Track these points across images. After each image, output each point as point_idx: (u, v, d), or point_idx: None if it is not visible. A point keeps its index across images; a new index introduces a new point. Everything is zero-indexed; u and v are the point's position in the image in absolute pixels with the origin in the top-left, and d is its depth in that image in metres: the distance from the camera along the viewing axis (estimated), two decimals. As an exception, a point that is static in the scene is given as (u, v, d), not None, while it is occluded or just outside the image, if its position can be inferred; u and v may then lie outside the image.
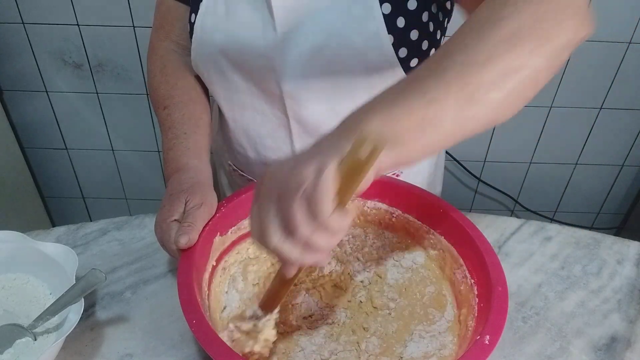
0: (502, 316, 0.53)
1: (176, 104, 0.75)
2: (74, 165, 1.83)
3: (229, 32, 0.69)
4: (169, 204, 0.64)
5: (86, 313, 0.66)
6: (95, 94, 1.65)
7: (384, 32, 0.64)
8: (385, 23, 0.64)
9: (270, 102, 0.74)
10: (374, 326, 0.63)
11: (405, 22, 0.65)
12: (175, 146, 0.71)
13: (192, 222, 0.60)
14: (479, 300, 0.58)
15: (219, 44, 0.70)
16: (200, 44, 0.72)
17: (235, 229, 0.69)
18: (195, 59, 0.74)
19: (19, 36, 1.52)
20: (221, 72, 0.73)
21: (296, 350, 0.60)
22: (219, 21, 0.69)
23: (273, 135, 0.78)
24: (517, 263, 0.76)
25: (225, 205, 0.66)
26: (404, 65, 0.68)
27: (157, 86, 0.78)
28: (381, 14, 0.64)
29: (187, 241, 0.59)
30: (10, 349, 0.59)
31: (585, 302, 0.70)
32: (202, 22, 0.70)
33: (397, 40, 0.65)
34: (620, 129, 1.72)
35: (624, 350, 0.64)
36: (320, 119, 0.73)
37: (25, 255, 0.65)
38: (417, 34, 0.66)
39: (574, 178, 1.85)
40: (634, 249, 0.79)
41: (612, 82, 1.60)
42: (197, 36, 0.72)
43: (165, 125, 0.74)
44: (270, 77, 0.70)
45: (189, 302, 0.54)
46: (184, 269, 0.57)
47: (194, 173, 0.67)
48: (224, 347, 0.49)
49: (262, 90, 0.73)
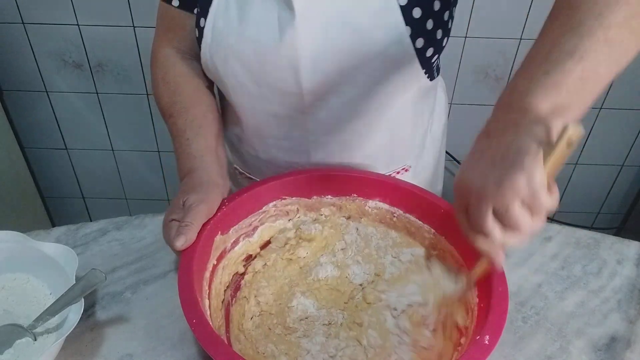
0: (502, 316, 0.53)
1: (179, 110, 0.75)
2: (74, 165, 1.83)
3: (243, 34, 0.68)
4: (171, 204, 0.64)
5: (86, 313, 0.66)
6: (95, 94, 1.65)
7: (402, 24, 0.65)
8: (403, 14, 0.65)
9: (286, 104, 0.73)
10: (367, 319, 0.63)
11: (422, 12, 0.66)
12: (181, 154, 0.72)
13: (189, 222, 0.60)
14: (479, 300, 0.58)
15: (232, 47, 0.70)
16: (211, 49, 0.71)
17: (237, 228, 0.69)
18: (206, 64, 0.74)
19: (19, 36, 1.52)
20: (233, 76, 0.72)
21: (303, 354, 0.60)
22: (232, 24, 0.69)
23: (288, 137, 0.78)
24: (517, 263, 0.76)
25: (227, 204, 0.66)
26: (420, 56, 0.68)
27: (160, 95, 0.78)
28: (398, 6, 0.64)
29: (184, 242, 0.59)
30: (10, 349, 0.59)
31: (585, 302, 0.70)
32: (214, 26, 0.70)
33: (414, 31, 0.66)
34: (620, 129, 1.72)
35: (624, 350, 0.64)
36: (338, 115, 0.74)
37: (25, 255, 0.65)
38: (432, 23, 0.67)
39: (574, 178, 1.85)
40: (634, 249, 0.79)
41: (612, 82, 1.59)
42: (208, 40, 0.71)
43: (173, 134, 0.75)
44: (289, 77, 0.69)
45: (189, 302, 0.54)
46: (184, 268, 0.57)
47: (197, 175, 0.68)
48: (223, 346, 0.49)
49: (277, 93, 0.72)
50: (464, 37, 1.51)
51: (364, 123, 0.75)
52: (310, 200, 0.74)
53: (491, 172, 0.45)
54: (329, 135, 0.76)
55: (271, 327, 0.64)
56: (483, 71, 1.59)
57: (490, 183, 0.44)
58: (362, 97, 0.72)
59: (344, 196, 0.74)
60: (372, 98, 0.72)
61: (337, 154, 0.79)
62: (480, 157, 0.47)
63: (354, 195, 0.74)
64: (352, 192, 0.74)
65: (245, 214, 0.70)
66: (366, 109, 0.73)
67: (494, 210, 0.45)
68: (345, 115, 0.74)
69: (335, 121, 0.74)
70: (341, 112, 0.73)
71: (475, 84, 1.61)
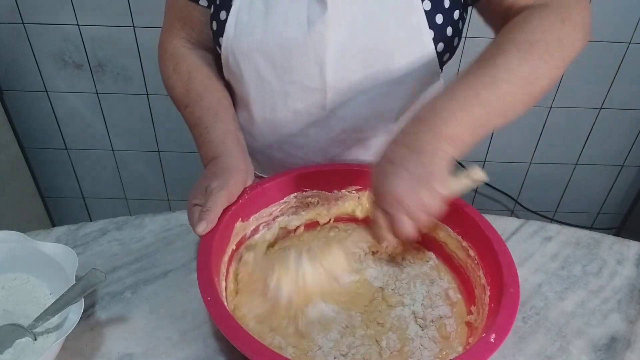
0: (511, 317, 0.53)
1: (194, 99, 0.76)
2: (74, 165, 1.83)
3: (270, 28, 0.69)
4: (193, 189, 0.66)
5: (86, 313, 0.66)
6: (95, 94, 1.65)
7: (426, 27, 0.68)
8: (427, 19, 0.68)
9: (308, 100, 0.74)
10: (389, 322, 0.63)
11: (444, 19, 0.69)
12: (202, 142, 0.73)
13: (210, 207, 0.62)
14: (490, 300, 0.59)
15: (257, 42, 0.70)
16: (233, 43, 0.72)
17: (257, 216, 0.71)
18: (226, 58, 0.74)
19: (19, 36, 1.52)
20: (256, 70, 0.73)
21: (314, 349, 0.59)
22: (258, 18, 0.69)
23: (305, 133, 0.78)
24: (517, 263, 0.75)
25: (249, 192, 0.68)
26: (440, 59, 0.72)
27: (173, 86, 0.79)
28: (422, 10, 0.67)
29: (205, 228, 0.61)
30: (10, 349, 0.59)
31: (585, 302, 0.70)
32: (237, 20, 0.70)
33: (436, 35, 0.69)
34: (620, 129, 1.72)
35: (624, 350, 0.64)
36: (358, 113, 0.75)
37: (25, 255, 0.65)
38: (451, 30, 0.70)
39: (574, 178, 1.85)
40: (634, 249, 0.79)
41: (612, 82, 1.60)
42: (230, 34, 0.71)
43: (190, 124, 0.76)
44: (314, 72, 0.70)
45: (206, 281, 0.55)
46: (203, 249, 0.59)
47: (220, 161, 0.69)
48: (234, 323, 0.51)
49: (300, 88, 0.73)
50: (464, 37, 1.51)
51: (383, 122, 0.77)
52: (332, 194, 0.75)
53: (413, 186, 0.55)
54: (347, 132, 0.77)
55: (279, 326, 0.63)
56: (483, 71, 1.59)
57: (411, 196, 0.55)
58: (383, 96, 0.73)
59: (365, 191, 0.74)
60: (392, 98, 0.74)
61: (352, 151, 0.80)
62: (401, 166, 0.56)
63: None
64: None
65: (266, 203, 0.71)
66: (386, 108, 0.75)
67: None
68: (366, 113, 0.75)
69: (355, 119, 0.75)
70: (362, 110, 0.74)
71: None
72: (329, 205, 0.75)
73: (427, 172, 0.55)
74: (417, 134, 0.57)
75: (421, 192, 0.55)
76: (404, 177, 0.55)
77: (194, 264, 0.67)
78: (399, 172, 0.55)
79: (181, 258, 0.75)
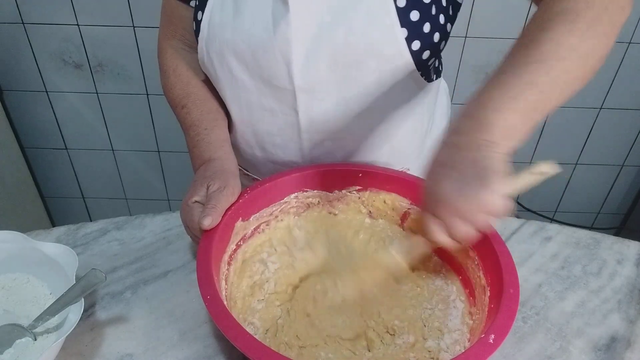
0: (511, 318, 0.53)
1: (193, 101, 0.76)
2: (74, 165, 1.83)
3: (239, 28, 0.69)
4: (192, 188, 0.66)
5: (86, 313, 0.66)
6: (95, 94, 1.65)
7: (398, 26, 0.66)
8: (399, 16, 0.65)
9: (280, 99, 0.74)
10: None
11: (420, 15, 0.66)
12: (199, 143, 0.73)
13: (215, 204, 0.62)
14: (490, 301, 0.58)
15: (228, 41, 0.70)
16: (207, 42, 0.72)
17: (258, 216, 0.71)
18: (202, 58, 0.74)
19: (19, 36, 1.52)
20: (229, 70, 0.73)
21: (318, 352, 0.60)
22: (228, 18, 0.69)
23: (282, 133, 0.78)
24: (517, 263, 0.75)
25: (249, 192, 0.68)
26: (416, 57, 0.68)
27: (171, 86, 0.79)
28: (395, 8, 0.65)
29: (210, 222, 0.61)
30: (10, 349, 0.59)
31: (585, 302, 0.70)
32: (210, 20, 0.70)
33: (410, 33, 0.66)
34: (620, 129, 1.72)
35: (624, 350, 0.64)
36: (330, 114, 0.74)
37: (25, 255, 0.65)
38: (429, 26, 0.67)
39: (574, 178, 1.85)
40: (634, 249, 0.79)
41: (612, 82, 1.60)
42: (204, 34, 0.71)
43: (186, 124, 0.76)
44: (282, 72, 0.70)
45: (206, 281, 0.55)
46: (204, 248, 0.60)
47: (218, 163, 0.69)
48: (232, 321, 0.51)
49: (271, 88, 0.73)
50: (464, 37, 1.51)
51: (359, 124, 0.75)
52: (332, 194, 0.75)
53: (463, 187, 0.51)
54: (323, 134, 0.76)
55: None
56: (483, 71, 1.59)
57: (460, 198, 0.51)
58: (356, 97, 0.71)
59: (366, 191, 0.75)
60: (366, 98, 0.72)
61: (332, 154, 0.79)
62: (451, 167, 0.52)
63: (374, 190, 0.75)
64: (374, 187, 0.75)
65: (266, 203, 0.71)
66: (360, 109, 0.73)
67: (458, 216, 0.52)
68: (339, 114, 0.74)
69: (328, 120, 0.74)
70: (334, 111, 0.73)
71: (475, 84, 1.61)
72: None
73: (480, 170, 0.50)
74: (466, 130, 0.53)
75: (473, 191, 0.50)
76: (453, 179, 0.51)
77: (194, 264, 0.67)
78: (449, 173, 0.52)
79: (181, 258, 0.75)
